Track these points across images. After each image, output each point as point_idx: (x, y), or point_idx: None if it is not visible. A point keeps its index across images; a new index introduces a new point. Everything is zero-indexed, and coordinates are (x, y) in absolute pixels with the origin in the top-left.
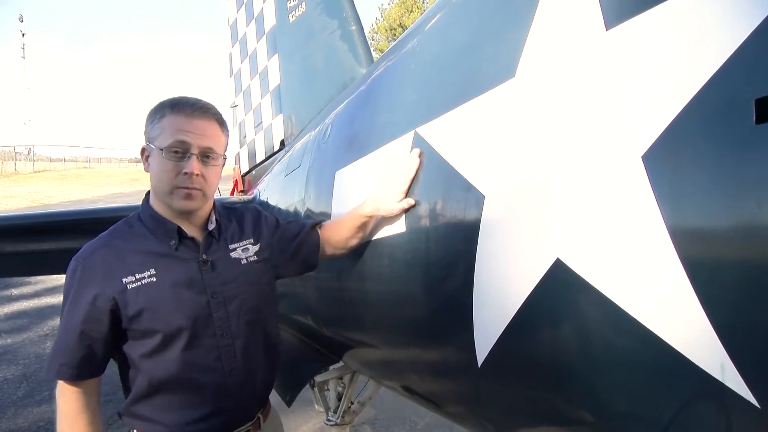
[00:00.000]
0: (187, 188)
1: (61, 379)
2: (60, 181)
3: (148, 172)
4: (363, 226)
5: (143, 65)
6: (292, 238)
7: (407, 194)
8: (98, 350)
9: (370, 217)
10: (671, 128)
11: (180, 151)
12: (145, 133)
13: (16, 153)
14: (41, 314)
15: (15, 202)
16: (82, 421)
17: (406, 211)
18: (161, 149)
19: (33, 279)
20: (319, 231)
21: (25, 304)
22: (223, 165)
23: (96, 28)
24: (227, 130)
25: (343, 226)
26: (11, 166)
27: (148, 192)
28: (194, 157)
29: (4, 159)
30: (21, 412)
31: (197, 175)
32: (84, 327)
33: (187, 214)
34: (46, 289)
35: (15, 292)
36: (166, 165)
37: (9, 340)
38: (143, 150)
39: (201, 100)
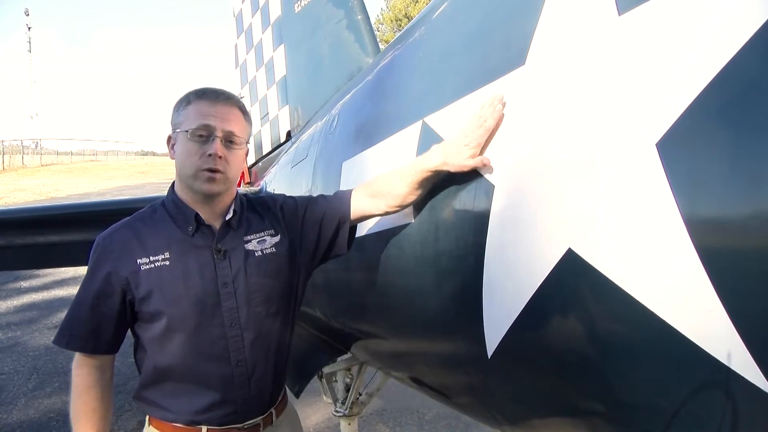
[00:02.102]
0: (210, 170)
1: (68, 349)
2: (67, 174)
3: (173, 159)
4: (425, 182)
5: (147, 58)
6: (315, 223)
7: (483, 150)
8: (107, 327)
9: (435, 171)
10: (686, 115)
11: (204, 135)
12: (171, 122)
13: (23, 147)
14: (50, 306)
15: (23, 195)
16: (92, 395)
17: (479, 171)
18: (186, 131)
19: (42, 271)
20: (351, 203)
21: (34, 296)
22: (246, 153)
23: (96, 21)
24: (250, 121)
25: (401, 181)
26: (19, 159)
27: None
28: (218, 140)
29: (12, 153)
30: (32, 403)
31: (220, 157)
32: (96, 302)
33: (209, 201)
34: (55, 282)
35: (24, 284)
36: (190, 147)
37: (19, 332)
38: (169, 138)
39: (226, 91)
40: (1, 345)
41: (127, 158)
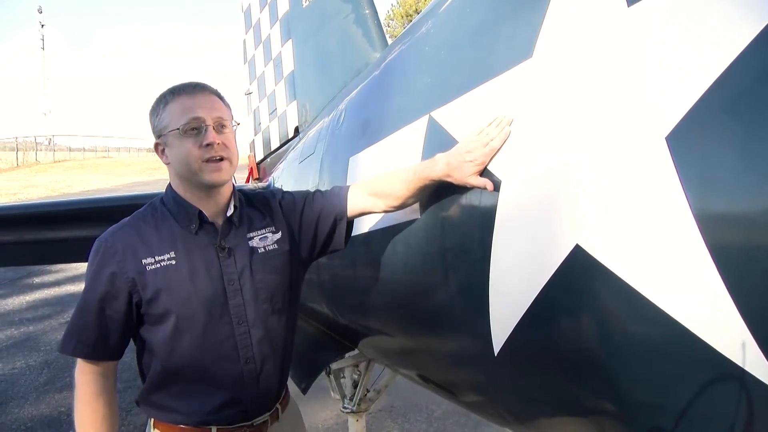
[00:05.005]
0: (213, 158)
1: (75, 356)
2: (80, 170)
3: (168, 164)
4: (426, 188)
5: (156, 55)
6: (312, 219)
7: (485, 168)
8: (114, 331)
9: (438, 181)
10: (697, 107)
11: (196, 127)
12: (153, 130)
13: (37, 143)
14: (62, 302)
15: (36, 191)
16: (100, 403)
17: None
18: (178, 129)
19: (54, 267)
20: (348, 200)
21: (46, 292)
22: (236, 130)
23: (103, 18)
24: (228, 103)
25: (402, 185)
26: (32, 156)
27: None
28: (210, 128)
29: (26, 149)
30: (43, 398)
31: (218, 143)
32: (101, 305)
33: (213, 194)
34: (67, 278)
35: (36, 280)
36: (186, 143)
37: (31, 328)
38: (157, 145)
39: (198, 81)
40: (14, 340)
41: (139, 155)
